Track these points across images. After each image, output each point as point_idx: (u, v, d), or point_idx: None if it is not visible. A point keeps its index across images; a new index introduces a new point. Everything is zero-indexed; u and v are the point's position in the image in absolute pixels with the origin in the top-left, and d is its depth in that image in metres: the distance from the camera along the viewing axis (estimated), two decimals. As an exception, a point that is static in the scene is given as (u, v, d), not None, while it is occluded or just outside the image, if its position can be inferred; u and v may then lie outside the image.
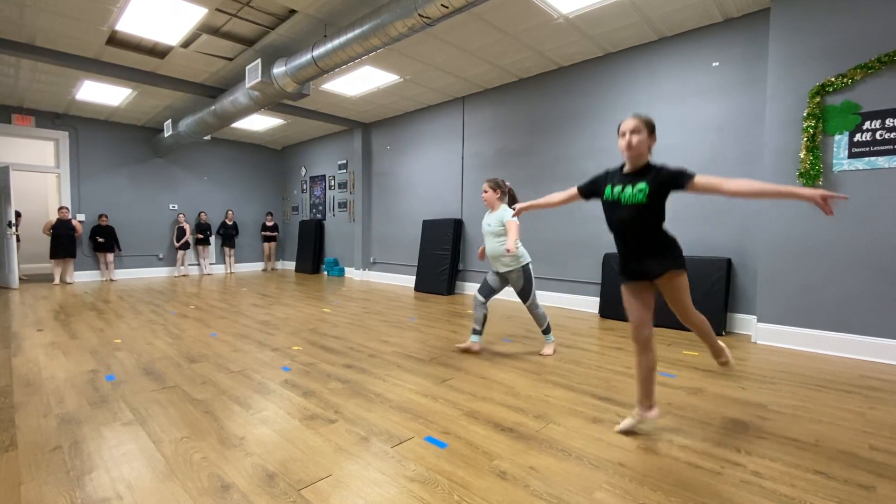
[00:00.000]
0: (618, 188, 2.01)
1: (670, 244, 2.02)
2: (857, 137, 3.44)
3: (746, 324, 4.22)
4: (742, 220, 4.27)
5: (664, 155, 4.73)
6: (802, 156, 3.62)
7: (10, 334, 4.10)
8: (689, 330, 4.27)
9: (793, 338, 3.71)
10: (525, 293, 3.39)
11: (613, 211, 2.04)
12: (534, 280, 3.42)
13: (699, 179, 1.85)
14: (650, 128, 1.95)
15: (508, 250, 2.89)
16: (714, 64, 4.41)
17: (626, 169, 2.02)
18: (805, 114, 3.62)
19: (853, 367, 3.20)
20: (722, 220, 4.39)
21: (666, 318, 4.45)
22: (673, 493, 1.66)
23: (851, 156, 3.46)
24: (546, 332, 3.53)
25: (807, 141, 3.60)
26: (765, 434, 2.14)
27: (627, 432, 2.14)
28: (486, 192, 3.42)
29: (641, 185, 1.93)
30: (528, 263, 3.38)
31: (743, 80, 4.25)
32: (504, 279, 3.44)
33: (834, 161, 3.54)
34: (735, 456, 1.93)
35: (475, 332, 3.51)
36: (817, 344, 3.60)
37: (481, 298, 3.45)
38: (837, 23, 3.52)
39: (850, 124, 3.47)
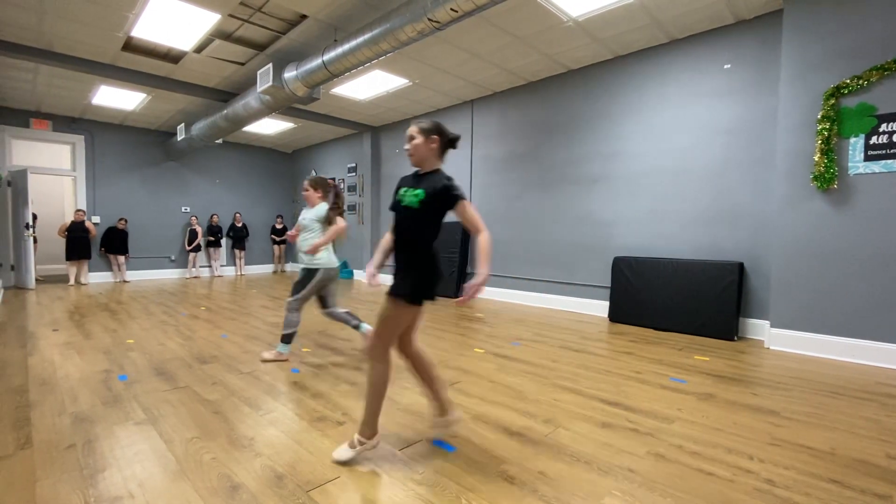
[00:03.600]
0: (403, 189, 1.94)
1: (420, 267, 1.86)
2: (874, 140, 3.38)
3: (759, 329, 4.16)
4: (755, 224, 4.22)
5: (675, 158, 4.70)
6: (817, 159, 3.57)
7: (26, 334, 4.18)
8: (698, 334, 4.22)
9: (806, 343, 3.65)
10: (297, 288, 3.30)
11: (396, 213, 1.93)
12: (314, 287, 3.29)
13: (465, 206, 1.80)
14: (426, 132, 1.89)
15: (310, 250, 3.18)
16: (726, 66, 4.37)
17: (418, 172, 1.97)
18: (819, 116, 3.57)
19: (869, 374, 3.14)
20: (734, 224, 4.34)
21: (675, 322, 4.41)
22: (684, 500, 1.64)
23: (867, 159, 3.41)
24: (285, 340, 3.36)
25: (821, 144, 3.55)
26: (778, 441, 2.11)
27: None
28: (306, 190, 3.38)
29: (418, 191, 1.85)
30: (322, 269, 3.27)
31: (755, 83, 4.21)
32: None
33: (849, 164, 3.48)
34: (747, 463, 1.90)
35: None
36: (832, 350, 3.54)
37: (318, 308, 3.42)
38: (852, 23, 3.47)
39: (865, 127, 3.41)
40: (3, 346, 3.76)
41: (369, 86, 6.28)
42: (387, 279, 8.56)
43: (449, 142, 1.95)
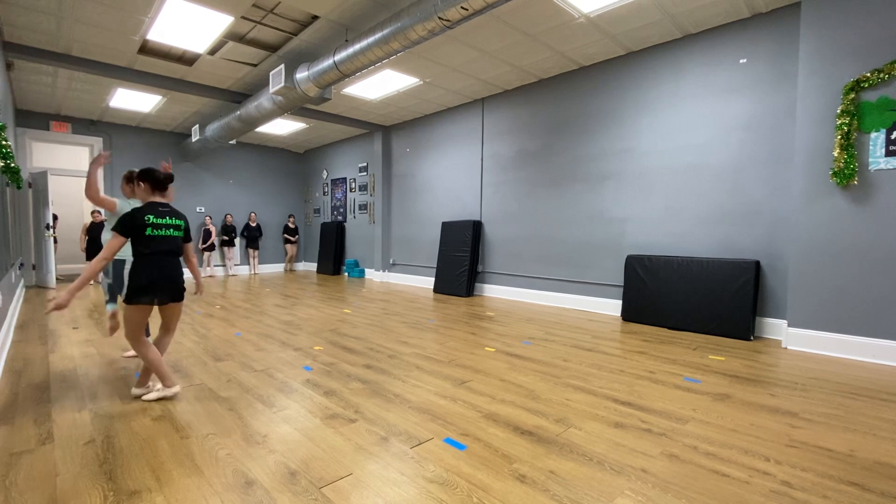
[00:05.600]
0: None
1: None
2: (895, 135, 3.29)
3: (776, 328, 4.09)
4: (772, 221, 4.14)
5: (690, 155, 4.64)
6: (836, 154, 3.49)
7: (47, 332, 4.29)
8: (713, 333, 4.16)
9: (825, 343, 3.58)
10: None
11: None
12: (125, 280, 3.25)
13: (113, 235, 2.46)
14: (136, 180, 2.64)
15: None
16: (742, 61, 4.29)
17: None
18: (839, 110, 3.49)
19: (890, 375, 3.06)
20: (750, 221, 4.27)
21: (689, 321, 4.35)
22: (698, 501, 1.62)
23: (889, 154, 3.32)
24: (110, 301, 3.41)
25: (841, 139, 3.46)
26: (796, 443, 2.07)
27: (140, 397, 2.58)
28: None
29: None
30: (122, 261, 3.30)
31: (772, 77, 4.13)
32: None
33: (870, 160, 3.40)
34: (764, 465, 1.87)
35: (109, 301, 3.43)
36: (851, 350, 3.46)
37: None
38: (873, 15, 3.38)
39: (887, 121, 3.32)
40: (25, 343, 3.86)
41: (380, 85, 6.30)
42: (402, 279, 8.60)
43: (154, 182, 2.61)
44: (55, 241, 7.91)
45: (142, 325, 2.55)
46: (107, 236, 3.34)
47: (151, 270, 2.51)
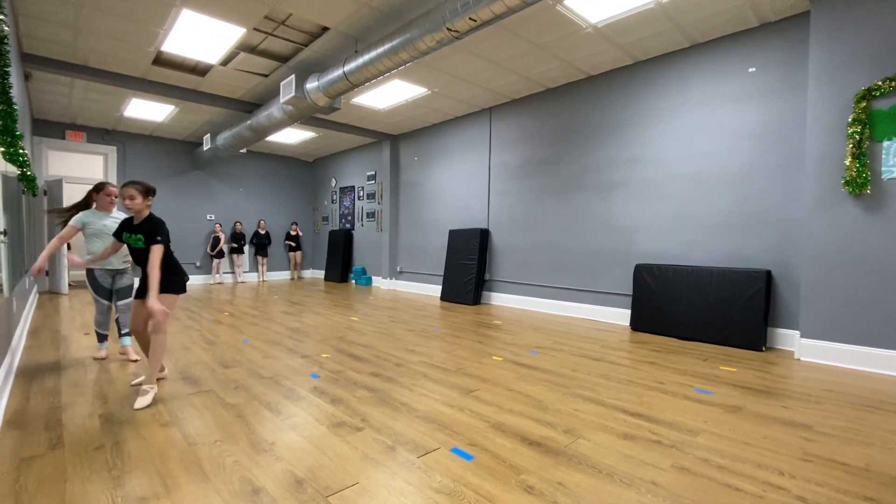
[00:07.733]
0: (126, 234, 2.79)
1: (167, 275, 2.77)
2: (909, 143, 3.25)
3: (789, 339, 4.02)
4: (783, 230, 4.10)
5: (699, 163, 4.61)
6: (848, 163, 3.45)
7: (59, 337, 4.34)
8: (723, 344, 4.11)
9: (839, 355, 3.51)
10: (128, 291, 3.61)
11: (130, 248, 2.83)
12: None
13: (155, 251, 2.64)
14: (145, 194, 2.74)
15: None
16: (750, 69, 4.28)
17: (134, 221, 2.78)
18: (850, 119, 3.46)
19: (908, 388, 3.00)
20: (761, 230, 4.22)
21: (700, 331, 4.30)
22: (710, 515, 1.58)
23: (902, 163, 3.28)
24: (128, 334, 3.65)
25: (853, 147, 3.43)
26: (810, 457, 2.03)
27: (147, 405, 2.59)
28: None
29: (139, 236, 2.73)
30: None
31: (782, 86, 4.11)
32: (112, 277, 3.55)
33: (883, 168, 3.35)
34: (778, 479, 1.83)
35: (101, 337, 3.62)
36: (867, 361, 3.39)
37: (107, 303, 3.56)
38: (883, 24, 3.36)
39: (900, 130, 3.29)
40: (37, 349, 3.91)
41: (389, 95, 6.36)
42: (408, 286, 8.60)
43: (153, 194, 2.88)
44: (69, 248, 8.03)
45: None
46: (96, 241, 3.40)
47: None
